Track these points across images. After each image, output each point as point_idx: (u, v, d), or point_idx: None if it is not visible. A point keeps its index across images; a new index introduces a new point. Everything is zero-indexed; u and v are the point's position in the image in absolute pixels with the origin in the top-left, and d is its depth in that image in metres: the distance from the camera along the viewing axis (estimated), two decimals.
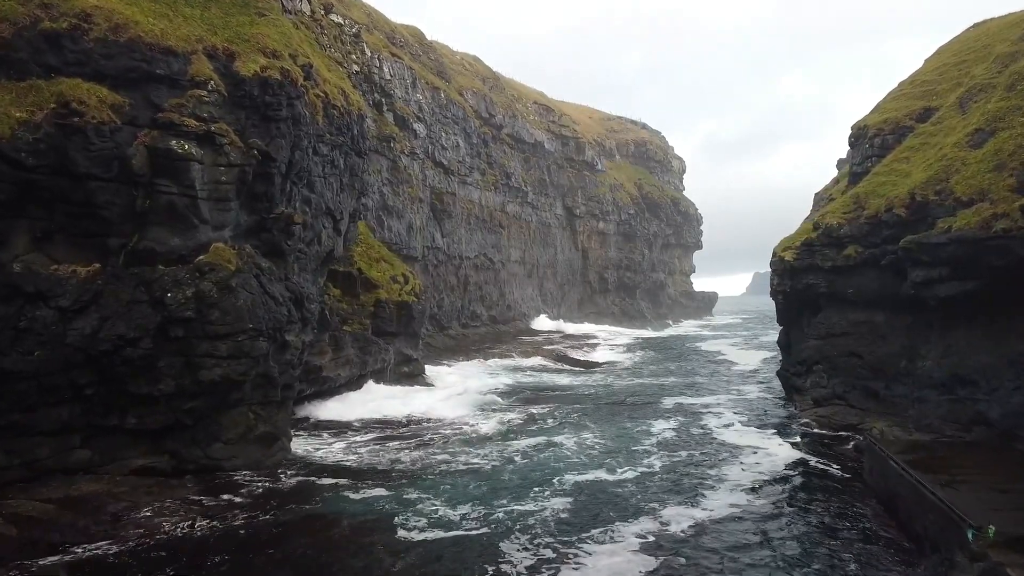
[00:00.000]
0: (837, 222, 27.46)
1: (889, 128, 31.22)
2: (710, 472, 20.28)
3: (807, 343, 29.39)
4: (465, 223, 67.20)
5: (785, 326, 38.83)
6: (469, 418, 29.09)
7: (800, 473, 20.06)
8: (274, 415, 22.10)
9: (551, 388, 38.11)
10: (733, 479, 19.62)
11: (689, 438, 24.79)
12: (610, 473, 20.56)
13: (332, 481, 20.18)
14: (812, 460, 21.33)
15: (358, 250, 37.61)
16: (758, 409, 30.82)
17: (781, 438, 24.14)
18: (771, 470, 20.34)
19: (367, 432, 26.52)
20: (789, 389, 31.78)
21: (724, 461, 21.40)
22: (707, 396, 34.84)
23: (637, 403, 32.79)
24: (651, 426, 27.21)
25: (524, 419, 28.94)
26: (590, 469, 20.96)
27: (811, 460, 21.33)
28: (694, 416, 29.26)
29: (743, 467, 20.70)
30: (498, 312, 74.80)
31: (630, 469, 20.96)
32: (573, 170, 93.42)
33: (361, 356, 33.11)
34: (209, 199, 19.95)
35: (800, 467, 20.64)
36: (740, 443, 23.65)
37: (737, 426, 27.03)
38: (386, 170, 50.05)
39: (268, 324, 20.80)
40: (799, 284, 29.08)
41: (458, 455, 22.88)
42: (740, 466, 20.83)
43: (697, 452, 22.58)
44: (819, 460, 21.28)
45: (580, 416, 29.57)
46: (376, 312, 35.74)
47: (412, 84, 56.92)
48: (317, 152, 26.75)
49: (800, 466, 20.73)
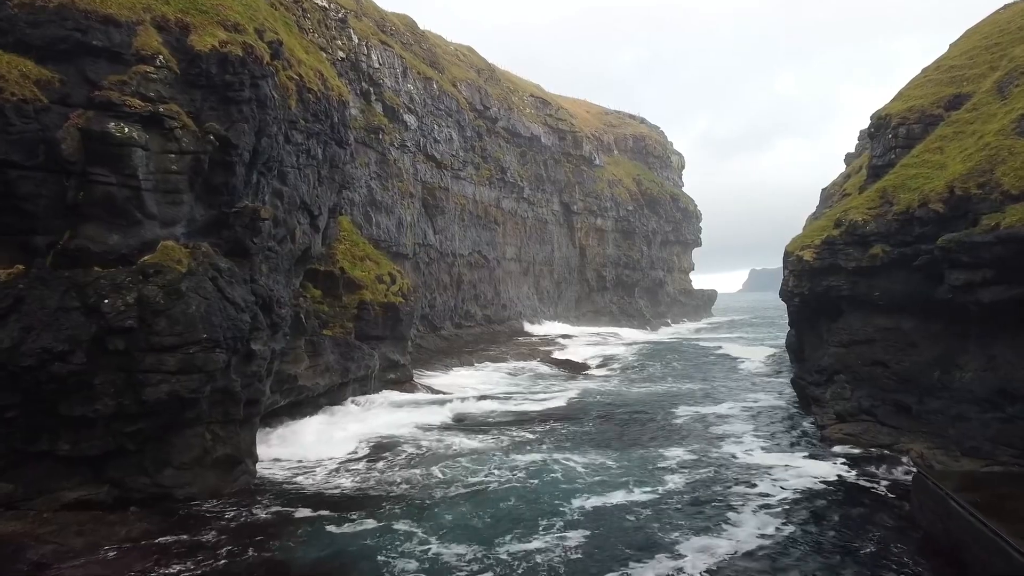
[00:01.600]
0: (862, 219, 25.01)
1: (915, 117, 28.78)
2: (733, 499, 17.78)
3: (827, 350, 26.96)
4: (458, 219, 64.65)
5: (797, 330, 36.42)
6: (464, 432, 26.52)
7: (833, 503, 17.60)
8: (236, 435, 19.61)
9: (551, 396, 35.59)
10: (759, 506, 17.20)
11: (704, 457, 22.30)
12: (625, 497, 18.14)
13: (309, 512, 17.65)
14: (845, 487, 18.75)
15: (341, 248, 35.10)
16: (775, 421, 28.35)
17: (806, 459, 21.61)
18: (800, 498, 17.85)
19: (349, 449, 23.96)
20: (806, 399, 29.37)
21: (747, 485, 18.91)
22: (717, 405, 32.36)
23: (645, 414, 30.24)
24: (663, 441, 24.69)
25: (524, 432, 26.42)
26: (602, 493, 18.52)
27: (844, 487, 18.77)
28: (707, 430, 26.76)
29: (768, 494, 18.21)
30: (493, 311, 72.31)
31: (646, 492, 18.52)
32: (570, 165, 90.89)
33: (343, 363, 30.60)
34: (156, 191, 17.40)
35: (833, 496, 18.16)
36: (761, 463, 21.18)
37: (755, 442, 24.59)
38: (374, 163, 47.48)
39: (227, 333, 18.28)
40: (818, 286, 26.63)
41: (455, 476, 20.42)
42: (765, 492, 18.34)
43: (715, 474, 20.12)
44: (854, 487, 18.68)
45: (585, 429, 27.06)
46: (360, 314, 33.23)
47: (403, 73, 54.33)
48: (290, 140, 24.23)
49: (833, 494, 18.24)
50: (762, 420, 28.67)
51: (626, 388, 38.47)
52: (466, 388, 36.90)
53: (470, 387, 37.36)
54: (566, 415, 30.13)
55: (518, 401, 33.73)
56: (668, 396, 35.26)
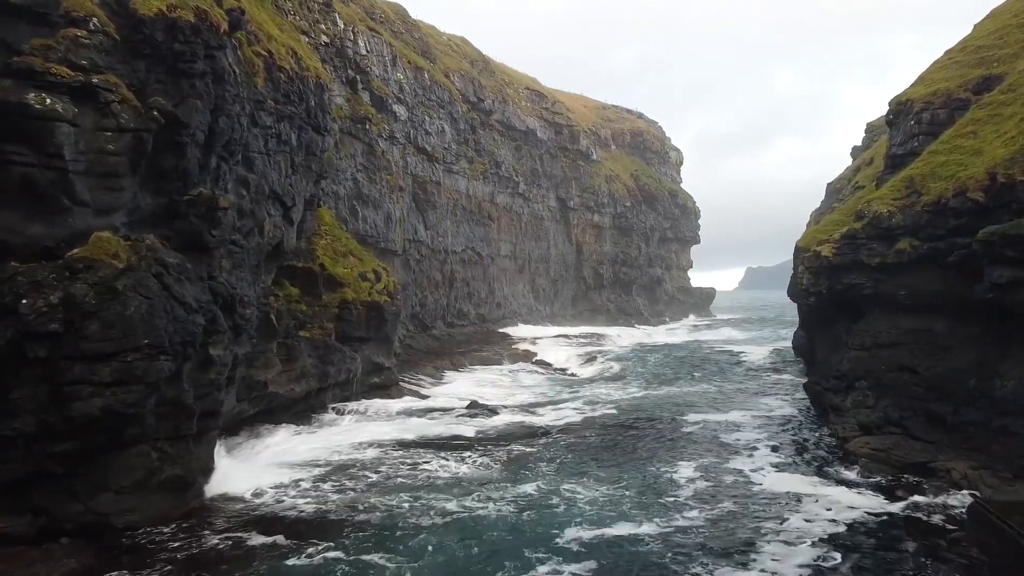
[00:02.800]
0: (887, 210, 22.80)
1: (940, 101, 26.56)
2: (758, 538, 15.33)
3: (846, 354, 24.74)
4: (451, 214, 62.31)
5: (809, 331, 34.22)
6: (449, 447, 23.97)
7: (873, 539, 15.19)
8: (188, 453, 17.32)
9: (546, 403, 33.20)
10: (788, 545, 14.92)
11: (718, 479, 19.89)
12: (633, 529, 15.80)
13: (267, 540, 15.44)
14: (883, 518, 16.17)
15: (321, 243, 32.75)
16: (791, 433, 25.99)
17: (832, 481, 19.24)
18: (835, 534, 15.39)
19: (322, 466, 21.59)
20: (821, 406, 27.12)
21: (775, 520, 16.40)
22: (726, 413, 29.97)
23: (650, 424, 27.70)
24: (671, 458, 22.21)
25: (517, 446, 24.00)
26: (604, 524, 16.15)
27: (882, 518, 16.19)
28: (718, 443, 24.31)
29: (798, 529, 15.83)
30: (487, 310, 70.00)
31: (656, 523, 16.16)
32: (567, 160, 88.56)
33: (321, 366, 28.31)
34: (88, 174, 15.07)
35: (870, 529, 15.72)
36: (782, 487, 18.76)
37: (771, 456, 22.28)
38: (361, 155, 45.12)
39: (174, 337, 15.98)
40: (838, 284, 24.43)
41: (436, 499, 18.01)
42: (795, 528, 15.95)
43: (732, 501, 17.74)
44: (894, 520, 16.15)
45: (584, 443, 24.65)
46: (341, 314, 30.89)
47: (392, 62, 51.94)
48: (257, 123, 21.91)
49: (870, 528, 15.80)
50: (776, 431, 26.37)
51: (627, 395, 36.19)
52: (455, 394, 34.62)
53: (459, 393, 35.07)
54: (563, 426, 27.74)
55: (511, 410, 31.37)
56: (673, 403, 32.92)
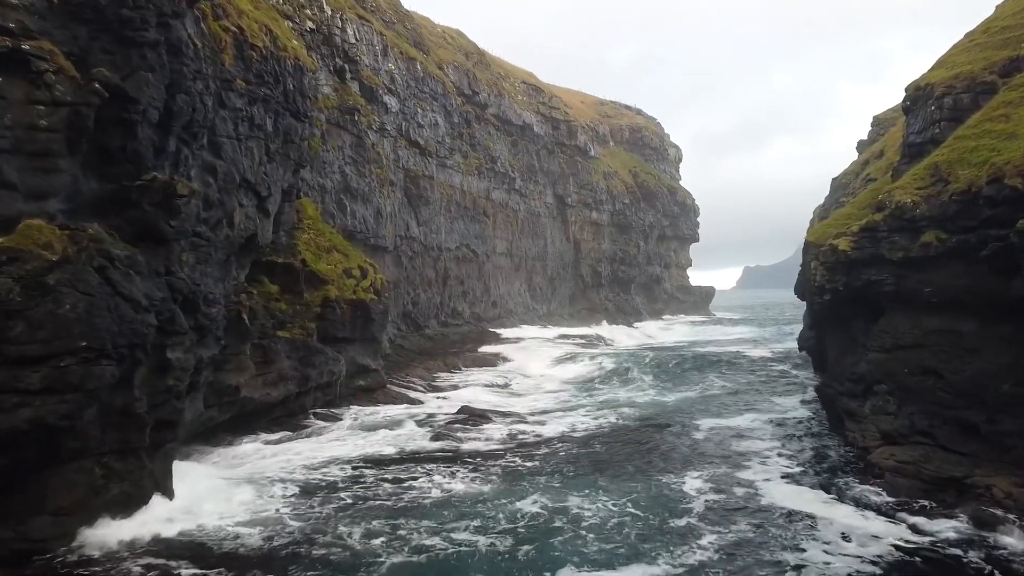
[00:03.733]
0: (911, 200, 21.00)
1: (963, 85, 24.78)
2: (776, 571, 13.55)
3: (865, 356, 22.94)
4: (444, 210, 60.49)
5: (819, 331, 32.41)
6: (440, 459, 21.99)
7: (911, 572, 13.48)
8: (139, 468, 15.50)
9: (545, 412, 31.11)
10: None
11: (730, 493, 18.01)
12: (645, 571, 13.81)
13: (198, 573, 13.60)
14: (925, 553, 14.22)
15: (304, 238, 30.94)
16: (804, 440, 24.18)
17: (853, 498, 17.39)
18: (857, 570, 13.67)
19: (289, 482, 19.53)
20: (835, 412, 25.35)
21: (786, 540, 14.68)
22: (734, 418, 28.19)
23: (655, 434, 25.66)
24: (679, 470, 20.23)
25: (513, 459, 22.06)
26: (613, 560, 14.05)
27: (924, 553, 14.23)
28: (728, 453, 22.39)
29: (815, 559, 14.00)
30: (482, 309, 68.23)
31: (668, 558, 14.08)
32: (564, 156, 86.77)
33: (301, 369, 26.50)
34: (17, 152, 13.23)
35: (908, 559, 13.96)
36: (800, 504, 16.96)
37: (786, 469, 20.48)
38: (349, 147, 43.27)
39: (119, 339, 14.16)
40: (856, 280, 22.63)
41: (419, 529, 15.75)
42: (810, 556, 14.10)
43: (746, 521, 15.87)
44: (942, 558, 14.09)
45: (587, 454, 22.58)
46: (324, 313, 29.07)
47: (383, 52, 50.10)
48: (225, 104, 20.07)
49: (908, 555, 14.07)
50: (787, 438, 24.58)
51: (630, 400, 34.35)
52: (446, 398, 32.82)
53: (451, 396, 33.28)
54: (562, 434, 25.69)
55: (507, 416, 29.45)
56: (679, 408, 31.02)
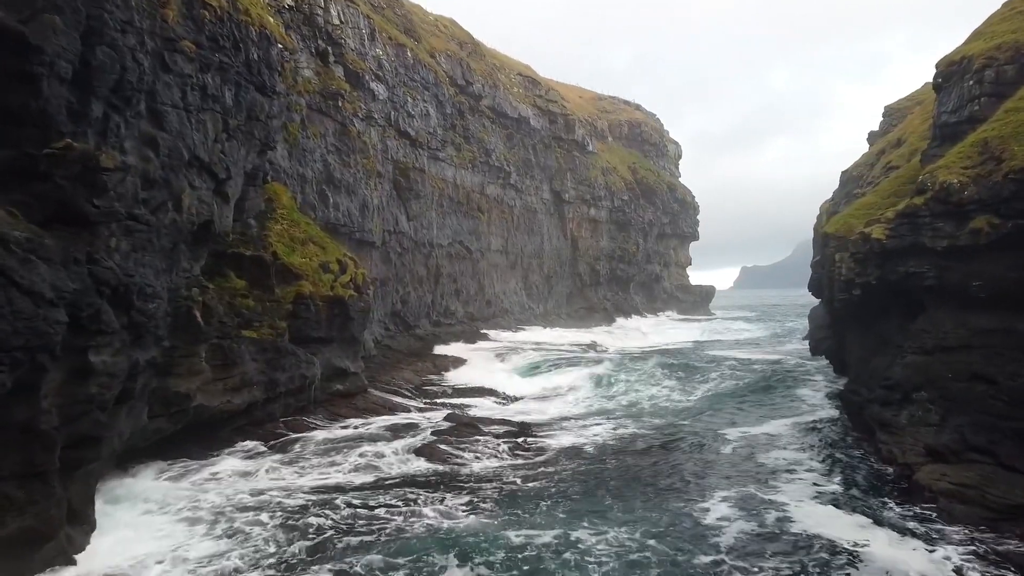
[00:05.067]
0: (957, 181, 18.40)
1: (1006, 56, 22.20)
2: None
3: (901, 359, 20.34)
4: (436, 205, 57.77)
5: (838, 330, 29.78)
6: (425, 483, 18.91)
7: None
8: (48, 496, 12.81)
9: (547, 421, 28.27)
10: None
11: (759, 519, 15.23)
12: None
13: None
14: None
15: (276, 228, 28.23)
16: (834, 453, 21.35)
17: (901, 528, 14.69)
18: None
19: (241, 511, 16.59)
20: (861, 420, 22.76)
21: None
22: (752, 427, 25.47)
23: (667, 447, 22.73)
24: (700, 490, 17.60)
25: (512, 479, 19.25)
26: None
27: None
28: (752, 468, 19.62)
29: None
30: (476, 308, 65.53)
31: None
32: (562, 150, 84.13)
33: (269, 373, 23.81)
34: None
35: None
36: (842, 536, 14.20)
37: (818, 487, 17.77)
38: (332, 134, 40.57)
39: (14, 339, 11.49)
40: (892, 273, 20.03)
41: (394, 569, 13.30)
42: None
43: (779, 557, 13.30)
44: None
45: (596, 472, 19.63)
46: (296, 311, 26.36)
47: (370, 36, 47.39)
48: (169, 67, 17.36)
49: None
50: (813, 450, 21.82)
51: (638, 408, 31.69)
52: (434, 404, 30.13)
53: (439, 402, 30.59)
54: (567, 448, 22.57)
55: (502, 426, 26.77)
56: (691, 416, 28.20)
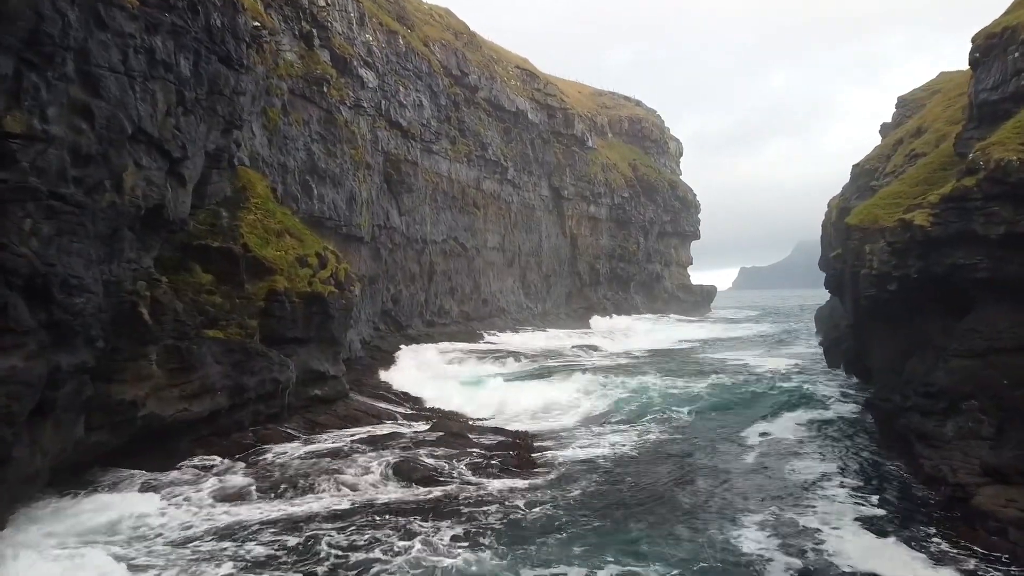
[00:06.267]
0: (1017, 158, 16.04)
1: None
2: None
3: (945, 362, 17.93)
4: (430, 199, 55.40)
5: (861, 331, 27.33)
6: (410, 509, 15.80)
7: None
8: None
9: (548, 431, 25.62)
10: None
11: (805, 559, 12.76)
12: None
13: None
14: None
15: (249, 218, 25.80)
16: (866, 466, 18.87)
17: (964, 571, 12.33)
18: None
19: (176, 551, 14.18)
20: (897, 431, 20.33)
21: None
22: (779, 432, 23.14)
23: (684, 461, 20.17)
24: (734, 524, 14.79)
25: (512, 502, 16.36)
26: None
27: None
28: (785, 497, 16.73)
29: None
30: (472, 307, 63.16)
31: None
32: (561, 146, 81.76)
33: (235, 377, 21.39)
34: None
35: None
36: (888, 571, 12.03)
37: (857, 510, 15.33)
38: (317, 121, 38.14)
39: None
40: (937, 265, 17.65)
41: None
42: None
43: None
44: None
45: (607, 493, 16.90)
46: (269, 309, 23.96)
47: (359, 20, 44.99)
48: (105, 24, 14.97)
49: None
50: (843, 461, 19.37)
51: (647, 411, 29.31)
52: (422, 409, 27.70)
53: (428, 407, 28.16)
54: (571, 462, 19.67)
55: (497, 435, 24.35)
56: (706, 426, 25.54)
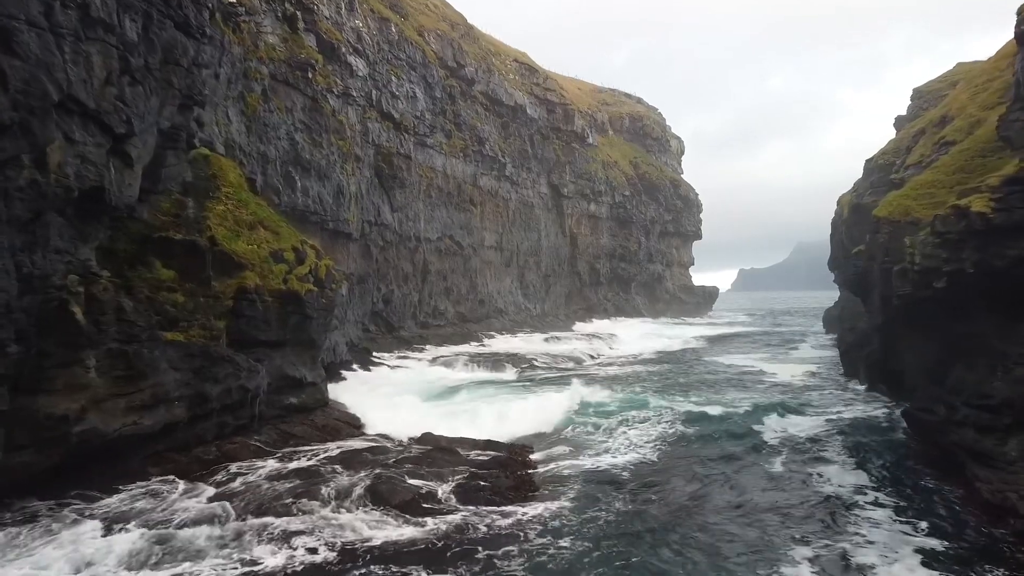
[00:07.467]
0: None
1: None
2: None
3: (1008, 372, 15.55)
4: (424, 195, 53.03)
5: (889, 335, 24.91)
6: (400, 560, 13.67)
7: None
8: None
9: (545, 442, 23.60)
10: None
11: None
12: None
13: None
14: None
15: (219, 209, 23.37)
16: (911, 491, 16.56)
17: None
18: None
19: None
20: (944, 448, 17.94)
21: None
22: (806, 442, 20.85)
23: (704, 478, 18.03)
24: (782, 555, 12.78)
25: (507, 548, 14.04)
26: None
27: None
28: (832, 524, 14.48)
29: None
30: (468, 308, 60.77)
31: None
32: (560, 142, 79.35)
33: (196, 384, 18.99)
34: None
35: None
36: None
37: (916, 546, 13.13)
38: (301, 109, 35.77)
39: None
40: (999, 258, 15.26)
41: None
42: None
43: None
44: None
45: (639, 529, 14.56)
46: (238, 308, 21.55)
47: (348, 5, 42.65)
48: None
49: None
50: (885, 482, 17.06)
51: (655, 432, 26.96)
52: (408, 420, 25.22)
53: (415, 417, 25.70)
54: (572, 478, 18.02)
55: (488, 448, 22.03)
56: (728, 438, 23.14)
